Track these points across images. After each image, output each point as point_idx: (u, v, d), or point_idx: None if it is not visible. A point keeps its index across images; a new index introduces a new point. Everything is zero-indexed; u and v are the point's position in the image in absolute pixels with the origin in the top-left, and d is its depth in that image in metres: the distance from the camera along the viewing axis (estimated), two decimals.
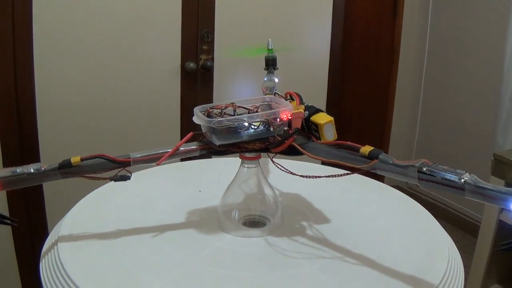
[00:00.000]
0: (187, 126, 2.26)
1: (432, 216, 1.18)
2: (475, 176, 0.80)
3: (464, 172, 0.81)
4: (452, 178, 0.81)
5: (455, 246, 1.08)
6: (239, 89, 1.01)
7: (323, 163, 1.35)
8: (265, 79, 1.19)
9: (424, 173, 0.84)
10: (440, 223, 1.13)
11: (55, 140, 2.14)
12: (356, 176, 1.33)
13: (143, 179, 1.33)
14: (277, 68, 1.20)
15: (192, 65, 2.31)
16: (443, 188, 0.82)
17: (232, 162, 1.12)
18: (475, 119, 3.11)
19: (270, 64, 1.19)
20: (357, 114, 3.08)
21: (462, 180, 0.80)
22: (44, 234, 1.82)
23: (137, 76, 2.24)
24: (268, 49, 1.19)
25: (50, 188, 2.14)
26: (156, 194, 1.26)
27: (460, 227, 3.12)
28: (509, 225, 2.13)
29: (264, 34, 2.47)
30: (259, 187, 1.10)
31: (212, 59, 2.36)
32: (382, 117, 3.24)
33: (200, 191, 1.26)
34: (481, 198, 0.79)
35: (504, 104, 2.64)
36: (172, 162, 1.42)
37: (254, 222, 1.10)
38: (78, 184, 1.26)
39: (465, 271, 1.02)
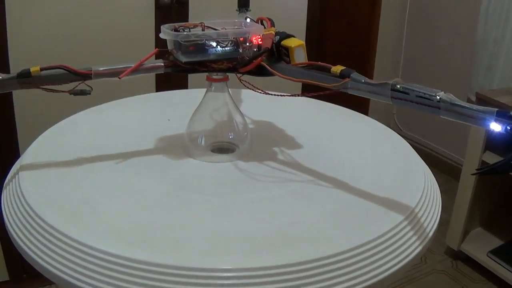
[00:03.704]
0: None
1: (409, 144, 1.16)
2: (451, 94, 0.76)
3: (440, 90, 0.77)
4: (426, 96, 0.77)
5: (430, 171, 1.06)
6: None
7: (302, 90, 1.32)
8: (238, 16, 1.15)
9: (397, 91, 0.80)
10: None
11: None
12: (331, 105, 1.31)
13: (112, 109, 1.29)
14: (250, 10, 1.15)
15: None
16: (418, 107, 0.79)
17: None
18: (459, 61, 3.07)
19: (242, 5, 1.15)
20: (338, 56, 3.03)
21: (438, 98, 0.76)
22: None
23: (109, 11, 2.17)
24: None
25: (22, 115, 2.11)
26: (124, 124, 1.22)
27: (443, 171, 3.11)
28: None
29: None
30: (228, 113, 1.06)
31: None
32: (364, 58, 3.19)
33: (169, 120, 1.22)
34: (458, 117, 0.75)
35: (488, 46, 2.60)
36: (143, 93, 1.39)
37: (222, 149, 1.07)
38: (53, 113, 1.23)
39: (447, 214, 0.99)
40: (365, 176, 0.99)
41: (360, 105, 0.86)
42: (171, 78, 1.95)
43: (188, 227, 0.82)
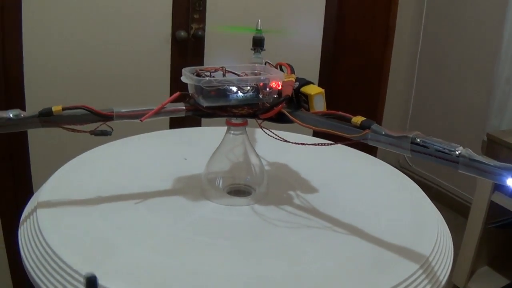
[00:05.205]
0: None
1: (422, 191, 1.16)
2: (470, 150, 0.77)
3: (459, 145, 0.78)
4: (446, 151, 0.78)
5: (444, 220, 1.06)
6: (230, 59, 0.98)
7: (314, 134, 1.33)
8: (253, 56, 1.16)
9: (417, 144, 0.81)
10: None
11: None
12: (346, 148, 1.32)
13: (128, 146, 1.30)
14: (264, 49, 1.16)
15: (183, 34, 2.26)
16: (436, 161, 0.80)
17: (221, 131, 1.09)
18: (469, 99, 3.08)
19: (257, 44, 1.15)
20: (350, 90, 3.04)
21: (457, 153, 0.77)
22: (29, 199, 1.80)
23: (127, 44, 2.20)
24: (257, 30, 1.15)
25: (36, 149, 2.12)
26: (140, 161, 1.22)
27: (451, 207, 3.11)
28: (500, 207, 2.11)
29: (257, 4, 2.43)
30: (245, 156, 1.07)
31: (204, 29, 2.32)
32: (375, 94, 3.20)
33: (185, 159, 1.23)
34: (476, 172, 0.76)
35: (499, 85, 2.61)
36: (159, 130, 1.40)
37: (238, 191, 1.07)
38: (65, 149, 1.24)
39: (454, 253, 1.00)
40: (379, 223, 1.00)
41: None
42: None
43: (205, 273, 0.82)
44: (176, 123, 2.06)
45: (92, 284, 0.45)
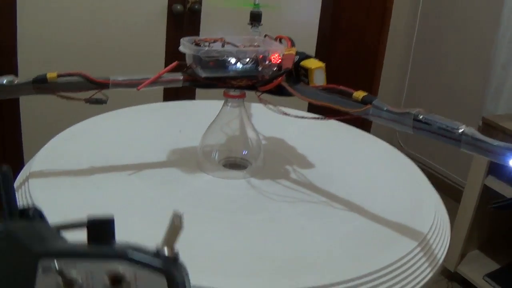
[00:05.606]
0: None
1: (419, 169, 1.15)
2: (473, 129, 0.76)
3: (461, 123, 0.77)
4: (449, 129, 0.77)
5: (440, 199, 1.06)
6: (226, 34, 0.97)
7: (309, 109, 1.31)
8: (251, 31, 1.14)
9: (420, 121, 0.80)
10: None
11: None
12: (343, 125, 1.31)
13: (122, 118, 1.28)
14: (261, 24, 1.14)
15: (179, 7, 2.23)
16: (438, 138, 0.79)
17: (216, 105, 1.07)
18: (465, 84, 3.07)
19: (255, 19, 1.13)
20: (344, 74, 3.03)
21: (460, 131, 0.76)
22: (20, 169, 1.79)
23: (122, 16, 2.17)
24: (254, 4, 1.13)
25: (28, 119, 2.10)
26: (135, 133, 1.20)
27: (443, 190, 3.09)
28: (493, 191, 2.10)
29: None
30: (242, 129, 1.05)
31: (200, 2, 2.28)
32: (370, 78, 3.19)
33: (180, 131, 1.21)
34: (478, 151, 0.75)
35: (495, 70, 2.61)
36: (154, 102, 1.38)
37: (234, 165, 1.06)
38: (58, 119, 1.22)
39: None
40: (376, 200, 0.99)
41: (363, 120, 0.85)
42: (179, 88, 1.98)
43: (200, 246, 0.80)
44: (170, 95, 2.05)
45: (6, 177, 0.42)
